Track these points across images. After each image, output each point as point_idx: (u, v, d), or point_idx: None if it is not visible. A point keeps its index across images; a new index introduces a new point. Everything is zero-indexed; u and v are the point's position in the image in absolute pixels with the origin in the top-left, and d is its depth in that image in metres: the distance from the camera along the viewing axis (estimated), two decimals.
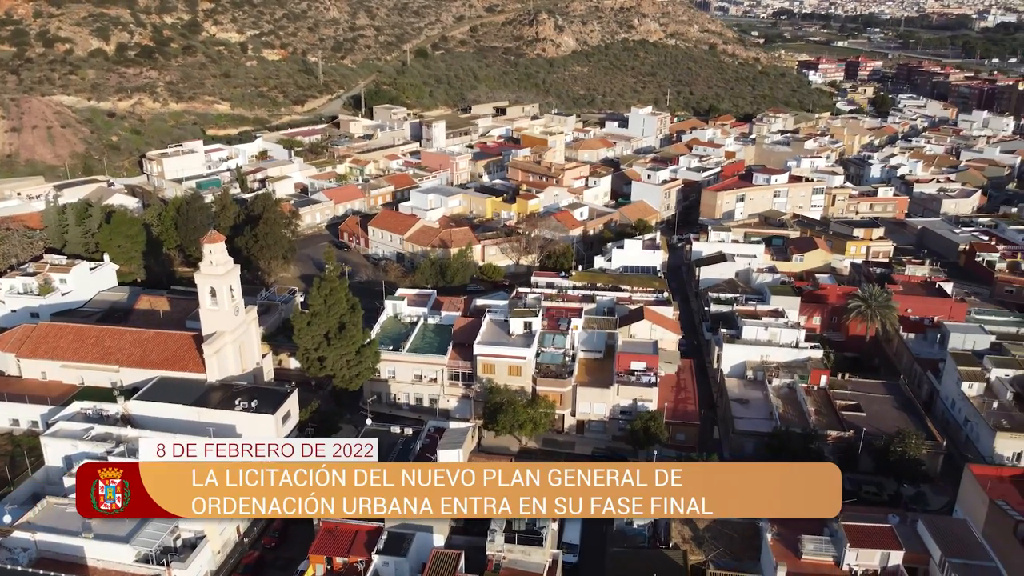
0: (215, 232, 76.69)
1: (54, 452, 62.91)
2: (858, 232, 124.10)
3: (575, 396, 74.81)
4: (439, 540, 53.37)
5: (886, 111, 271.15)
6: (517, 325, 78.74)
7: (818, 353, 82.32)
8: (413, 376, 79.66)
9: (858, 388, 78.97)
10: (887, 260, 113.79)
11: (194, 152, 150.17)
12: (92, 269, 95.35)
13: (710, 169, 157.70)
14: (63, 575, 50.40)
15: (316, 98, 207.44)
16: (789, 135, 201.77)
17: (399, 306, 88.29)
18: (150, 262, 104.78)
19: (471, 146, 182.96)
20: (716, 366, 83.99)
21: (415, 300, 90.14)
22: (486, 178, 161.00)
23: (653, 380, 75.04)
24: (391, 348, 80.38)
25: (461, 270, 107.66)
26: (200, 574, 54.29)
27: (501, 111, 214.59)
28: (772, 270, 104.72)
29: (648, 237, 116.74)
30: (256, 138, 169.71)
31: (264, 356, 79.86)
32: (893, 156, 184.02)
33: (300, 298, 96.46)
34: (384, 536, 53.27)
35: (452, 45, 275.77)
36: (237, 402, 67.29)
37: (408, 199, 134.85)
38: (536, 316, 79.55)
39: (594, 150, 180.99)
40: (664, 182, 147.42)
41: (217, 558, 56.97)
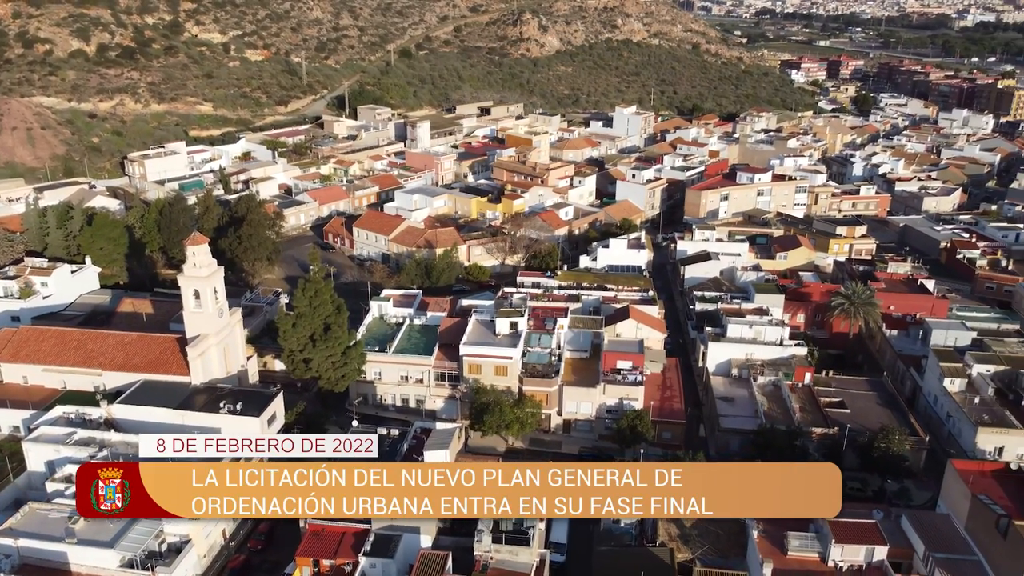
0: (198, 234, 76.16)
1: (36, 457, 62.31)
2: (841, 230, 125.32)
3: (561, 395, 74.91)
4: (426, 541, 53.26)
5: (868, 110, 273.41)
6: (503, 325, 78.74)
7: (802, 350, 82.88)
8: (399, 377, 79.47)
9: (842, 385, 79.52)
10: (870, 258, 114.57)
11: (176, 153, 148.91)
12: (74, 272, 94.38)
13: (694, 168, 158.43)
14: None
15: (300, 99, 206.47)
16: (772, 134, 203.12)
17: (385, 307, 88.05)
18: (133, 264, 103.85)
19: (456, 146, 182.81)
20: (701, 364, 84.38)
21: (401, 301, 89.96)
22: (471, 178, 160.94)
23: (639, 379, 75.24)
24: (377, 349, 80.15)
25: (447, 270, 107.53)
26: None
27: (486, 111, 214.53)
28: (756, 268, 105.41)
29: (633, 236, 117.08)
30: (239, 139, 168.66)
31: (249, 358, 79.44)
32: (875, 154, 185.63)
33: (285, 300, 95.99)
34: (371, 538, 53.09)
35: (436, 45, 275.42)
36: (222, 405, 66.88)
37: (393, 200, 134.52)
38: (522, 316, 79.57)
39: (579, 150, 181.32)
40: (649, 181, 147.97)
41: (203, 562, 56.52)
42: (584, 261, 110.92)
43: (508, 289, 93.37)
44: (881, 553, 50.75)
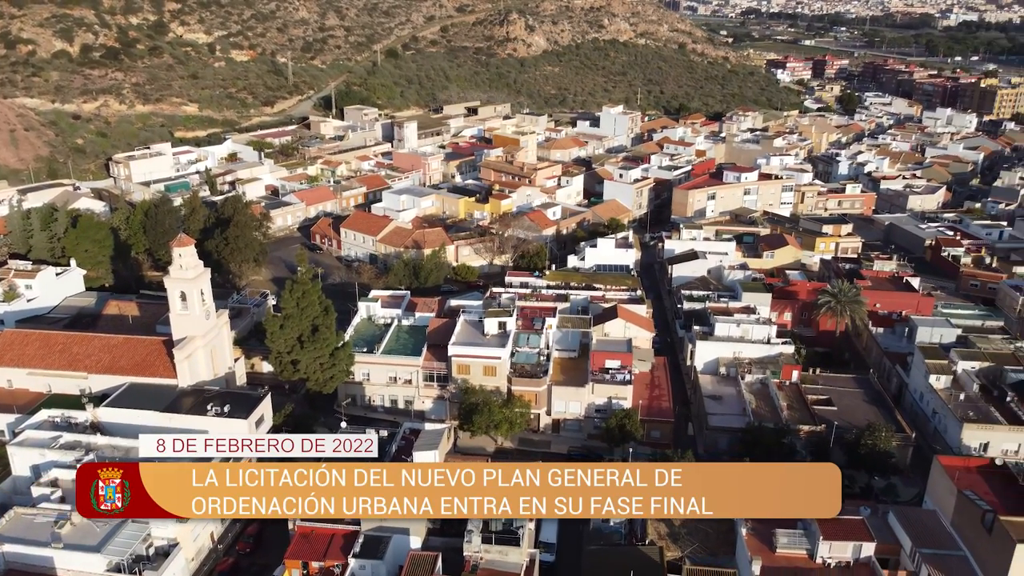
0: (184, 235, 75.71)
1: (21, 461, 61.62)
2: (827, 229, 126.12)
3: (550, 395, 74.95)
4: (416, 542, 53.14)
5: (853, 109, 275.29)
6: (491, 325, 78.70)
7: (789, 349, 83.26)
8: (388, 378, 79.27)
9: (829, 383, 79.97)
10: (856, 256, 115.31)
11: (162, 155, 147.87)
12: (58, 274, 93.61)
13: (681, 167, 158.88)
14: None
15: (286, 99, 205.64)
16: (758, 133, 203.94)
17: (373, 308, 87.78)
18: (118, 267, 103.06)
19: (443, 146, 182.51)
20: (689, 363, 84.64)
21: (389, 301, 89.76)
22: (458, 178, 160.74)
23: (627, 378, 75.36)
24: (365, 350, 79.92)
25: (435, 271, 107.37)
26: None
27: (473, 111, 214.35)
28: (743, 267, 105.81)
29: (621, 236, 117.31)
30: (225, 140, 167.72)
31: (236, 360, 78.98)
32: (860, 153, 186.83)
33: (272, 301, 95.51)
34: (360, 539, 52.93)
35: (423, 45, 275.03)
36: (209, 407, 66.39)
37: (380, 200, 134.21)
38: (510, 316, 79.55)
39: (566, 149, 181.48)
40: (636, 181, 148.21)
41: (191, 565, 56.18)
42: (572, 261, 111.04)
43: (496, 289, 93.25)
44: (868, 549, 51.04)
